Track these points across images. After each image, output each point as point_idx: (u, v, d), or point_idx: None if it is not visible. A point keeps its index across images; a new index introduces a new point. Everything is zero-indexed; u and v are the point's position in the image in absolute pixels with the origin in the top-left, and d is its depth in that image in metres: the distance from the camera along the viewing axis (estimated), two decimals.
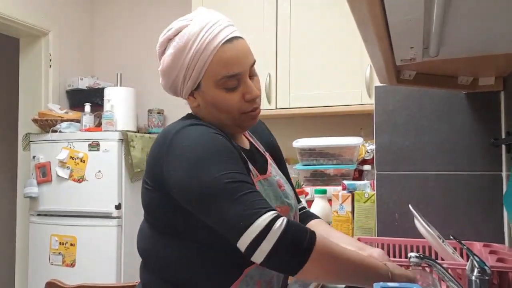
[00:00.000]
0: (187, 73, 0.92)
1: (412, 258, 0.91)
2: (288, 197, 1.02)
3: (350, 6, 0.71)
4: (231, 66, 0.90)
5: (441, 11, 0.70)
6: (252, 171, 0.94)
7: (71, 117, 2.67)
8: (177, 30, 0.94)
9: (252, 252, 0.76)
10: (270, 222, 0.75)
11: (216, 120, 0.96)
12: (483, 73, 1.29)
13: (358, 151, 2.04)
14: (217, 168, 0.82)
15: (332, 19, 2.20)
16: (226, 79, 0.91)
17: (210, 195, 0.81)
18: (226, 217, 0.79)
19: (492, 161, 1.40)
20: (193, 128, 0.89)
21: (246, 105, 0.93)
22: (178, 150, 0.86)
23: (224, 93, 0.92)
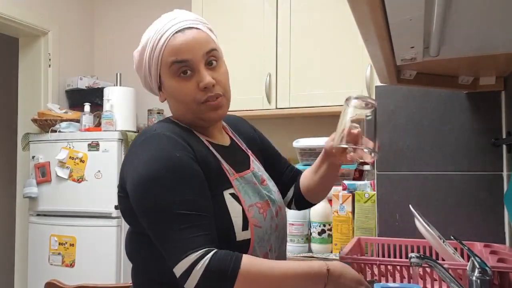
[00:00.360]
0: (150, 69, 0.96)
1: (412, 258, 0.90)
2: (270, 192, 1.04)
3: (351, 5, 0.71)
4: (180, 52, 0.92)
5: (441, 11, 0.70)
6: (227, 170, 0.95)
7: (70, 117, 2.66)
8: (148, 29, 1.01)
9: (183, 283, 0.81)
10: (192, 264, 0.80)
11: (181, 115, 0.98)
12: (484, 73, 1.29)
13: None
14: (167, 192, 0.84)
15: (332, 19, 2.20)
16: (176, 65, 0.92)
17: (154, 218, 0.85)
18: (163, 245, 0.84)
19: (492, 161, 1.40)
20: (156, 139, 0.90)
21: (201, 93, 0.93)
22: (134, 161, 0.89)
23: (179, 82, 0.94)
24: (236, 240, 0.89)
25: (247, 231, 0.91)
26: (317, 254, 1.93)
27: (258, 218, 0.95)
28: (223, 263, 0.81)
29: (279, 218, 1.04)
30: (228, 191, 0.93)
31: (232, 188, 0.94)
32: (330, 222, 1.95)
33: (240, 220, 0.91)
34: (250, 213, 0.93)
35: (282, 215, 1.07)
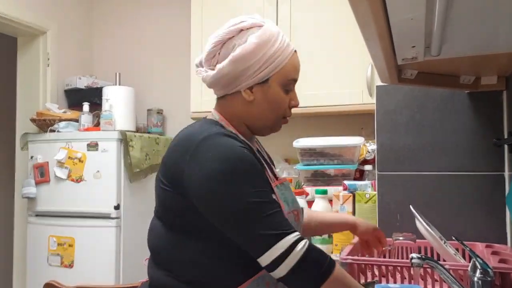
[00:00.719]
0: (264, 65, 0.96)
1: (414, 259, 0.90)
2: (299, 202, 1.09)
3: (352, 5, 0.70)
4: (297, 72, 1.03)
5: (443, 10, 0.70)
6: (270, 176, 0.99)
7: (69, 117, 2.65)
8: (253, 24, 0.98)
9: (272, 269, 0.83)
10: (293, 244, 0.83)
11: (258, 121, 1.01)
12: (485, 72, 1.28)
13: (359, 151, 2.03)
14: (245, 185, 0.86)
15: (332, 19, 2.19)
16: (291, 82, 1.01)
17: (234, 212, 0.86)
18: (250, 235, 0.85)
19: (494, 161, 1.40)
20: (220, 138, 0.91)
21: (288, 110, 1.03)
22: (204, 158, 0.88)
23: (284, 94, 1.00)
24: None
25: None
26: None
27: (295, 225, 0.96)
28: (321, 254, 0.85)
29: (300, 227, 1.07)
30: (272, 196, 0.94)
31: (274, 194, 0.94)
32: None
33: None
34: (289, 220, 0.94)
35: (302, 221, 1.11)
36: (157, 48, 3.01)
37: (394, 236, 1.33)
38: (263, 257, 0.83)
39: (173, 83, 2.97)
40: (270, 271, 0.83)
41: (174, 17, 2.94)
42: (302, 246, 0.83)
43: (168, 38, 2.96)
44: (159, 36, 2.99)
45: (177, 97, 2.89)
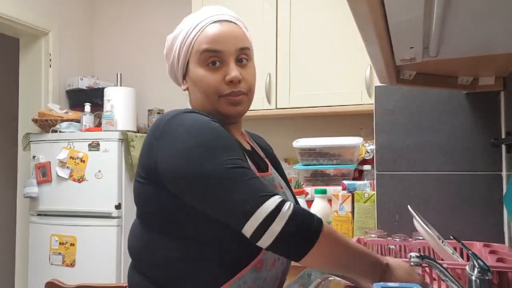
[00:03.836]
0: (179, 54, 0.95)
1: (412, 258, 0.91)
2: (288, 199, 0.99)
3: (350, 6, 0.71)
4: (214, 41, 0.91)
5: (441, 11, 0.70)
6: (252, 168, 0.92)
7: (71, 117, 2.66)
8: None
9: (260, 236, 0.75)
10: (279, 204, 0.75)
11: (201, 107, 0.94)
12: (483, 73, 1.29)
13: (358, 151, 2.04)
14: (217, 153, 0.80)
15: (332, 19, 2.20)
16: (207, 54, 0.91)
17: (210, 180, 0.78)
18: (230, 201, 0.77)
19: (492, 161, 1.40)
20: (188, 114, 0.87)
21: (225, 86, 0.92)
22: (172, 134, 0.83)
23: (206, 71, 0.92)
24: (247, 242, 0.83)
25: None
26: None
27: None
28: (307, 217, 0.77)
29: None
30: None
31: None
32: (329, 222, 1.95)
33: None
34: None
35: None
36: (158, 48, 3.00)
37: (366, 234, 1.33)
38: (247, 225, 0.75)
39: (173, 84, 2.96)
40: (256, 240, 0.76)
41: (174, 18, 2.93)
42: (288, 206, 0.75)
43: None
44: (160, 36, 2.99)
45: (177, 98, 2.89)
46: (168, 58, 0.99)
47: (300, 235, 0.76)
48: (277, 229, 0.74)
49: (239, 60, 0.94)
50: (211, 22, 0.92)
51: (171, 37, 0.98)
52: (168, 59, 1.00)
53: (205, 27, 0.92)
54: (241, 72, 0.93)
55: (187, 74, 0.97)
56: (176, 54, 0.95)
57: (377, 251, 1.33)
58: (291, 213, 0.75)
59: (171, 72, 1.01)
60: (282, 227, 0.74)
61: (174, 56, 0.96)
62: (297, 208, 0.77)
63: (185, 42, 0.93)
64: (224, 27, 0.93)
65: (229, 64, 0.92)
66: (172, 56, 0.97)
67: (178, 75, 0.99)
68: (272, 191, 0.79)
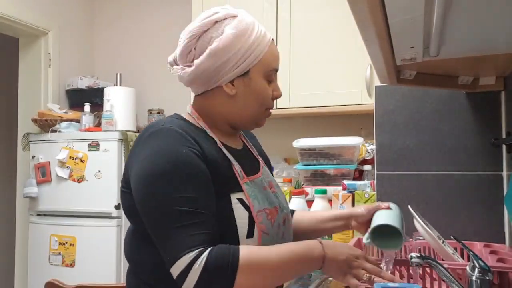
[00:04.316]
0: (243, 56, 0.93)
1: (413, 258, 0.90)
2: (279, 198, 1.03)
3: (351, 6, 0.71)
4: (278, 61, 1.01)
5: (441, 11, 0.70)
6: (238, 172, 0.94)
7: (70, 117, 2.66)
8: (227, 14, 0.94)
9: (180, 284, 0.80)
10: (190, 262, 0.78)
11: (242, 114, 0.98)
12: (484, 73, 1.29)
13: (359, 151, 2.03)
14: (167, 189, 0.83)
15: (332, 19, 2.20)
16: (273, 72, 0.99)
17: (155, 215, 0.83)
18: (162, 242, 0.83)
19: (492, 161, 1.40)
20: (165, 135, 0.88)
21: (271, 101, 1.01)
22: (142, 156, 0.87)
23: (265, 84, 0.98)
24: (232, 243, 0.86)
25: (252, 238, 0.89)
26: None
27: (266, 224, 0.92)
28: (221, 260, 0.79)
29: (286, 226, 1.01)
30: (236, 195, 0.91)
31: (241, 192, 0.92)
32: None
33: (246, 227, 0.89)
34: (259, 219, 0.91)
35: (289, 223, 1.05)
36: (158, 48, 3.01)
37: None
38: (171, 270, 0.80)
39: (173, 84, 2.96)
40: (179, 285, 0.80)
41: (174, 18, 2.94)
42: (199, 263, 0.78)
43: (169, 39, 2.97)
44: (160, 36, 3.00)
45: (177, 98, 2.90)
46: (224, 53, 0.91)
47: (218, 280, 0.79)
48: (191, 283, 0.79)
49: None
50: (271, 39, 0.99)
51: (230, 36, 0.90)
52: (222, 54, 0.91)
53: (270, 44, 0.97)
54: None
55: (242, 79, 0.95)
56: (238, 57, 0.92)
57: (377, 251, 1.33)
58: (202, 269, 0.78)
59: (215, 69, 0.92)
60: (195, 282, 0.78)
61: (235, 55, 0.91)
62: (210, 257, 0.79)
63: (253, 51, 0.93)
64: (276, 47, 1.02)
65: (275, 81, 1.02)
66: (233, 54, 0.91)
67: (227, 77, 0.93)
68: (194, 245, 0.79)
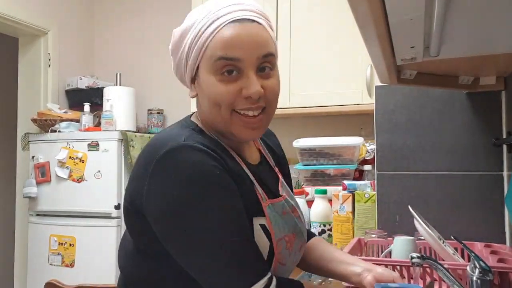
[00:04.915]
0: (188, 55, 0.80)
1: (414, 258, 0.90)
2: (297, 223, 0.91)
3: (351, 5, 0.71)
4: (231, 47, 0.75)
5: (442, 11, 0.70)
6: (261, 194, 0.83)
7: (70, 117, 2.66)
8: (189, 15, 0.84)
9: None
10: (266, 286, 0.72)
11: (210, 120, 0.82)
12: (484, 73, 1.28)
13: (359, 151, 2.03)
14: (210, 214, 0.71)
15: (332, 19, 2.20)
16: (222, 61, 0.75)
17: (191, 245, 0.72)
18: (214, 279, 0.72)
19: (493, 161, 1.40)
20: (185, 151, 0.74)
21: (242, 101, 0.77)
22: (163, 178, 0.73)
23: (219, 80, 0.77)
24: None
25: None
26: None
27: (284, 254, 0.84)
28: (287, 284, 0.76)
29: (301, 253, 0.93)
30: (258, 221, 0.80)
31: (264, 217, 0.81)
32: (330, 222, 1.95)
33: (266, 255, 0.80)
34: (278, 249, 0.81)
35: (304, 249, 0.95)
36: (157, 48, 3.01)
37: (367, 234, 1.32)
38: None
39: (173, 83, 2.96)
40: None
41: (174, 17, 2.94)
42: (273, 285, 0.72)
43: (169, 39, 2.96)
44: (160, 36, 3.00)
45: (177, 97, 2.90)
46: (175, 55, 0.84)
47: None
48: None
49: (261, 69, 0.79)
50: (228, 21, 0.76)
51: (179, 32, 0.81)
52: (174, 56, 0.84)
53: (221, 28, 0.76)
54: (263, 84, 0.78)
55: (196, 79, 0.82)
56: (185, 54, 0.80)
57: (377, 251, 1.33)
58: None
59: (177, 70, 0.85)
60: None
61: (181, 56, 0.81)
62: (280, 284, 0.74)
63: (197, 43, 0.78)
64: (245, 29, 0.76)
65: (249, 75, 0.77)
66: (180, 55, 0.82)
67: (186, 77, 0.84)
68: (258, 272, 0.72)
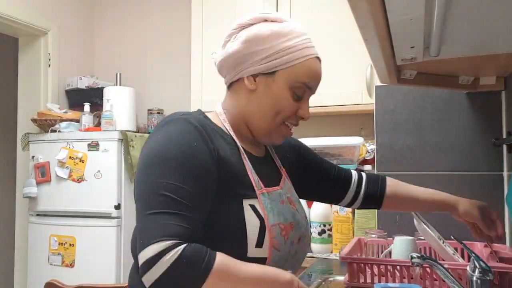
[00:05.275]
0: (273, 54, 0.90)
1: (414, 258, 0.90)
2: (297, 215, 0.97)
3: (351, 6, 0.71)
4: (313, 79, 0.94)
5: (442, 11, 0.70)
6: (255, 181, 0.91)
7: (70, 117, 2.66)
8: (276, 18, 0.94)
9: (142, 274, 0.76)
10: (161, 252, 0.74)
11: (255, 117, 0.94)
12: (484, 73, 1.28)
13: (359, 151, 2.03)
14: (163, 174, 0.80)
15: (332, 19, 2.20)
16: (302, 86, 0.93)
17: (142, 194, 0.83)
18: (138, 224, 0.81)
19: (493, 161, 1.40)
20: (180, 123, 0.87)
21: (293, 118, 0.95)
22: (153, 138, 0.88)
23: (290, 96, 0.92)
24: (247, 256, 0.84)
25: (260, 249, 0.85)
26: (317, 254, 1.92)
27: (279, 240, 0.88)
28: (196, 257, 0.75)
29: (301, 245, 0.96)
30: (248, 201, 0.87)
31: (256, 200, 0.88)
32: (330, 222, 1.95)
33: (256, 235, 0.85)
34: (272, 233, 0.87)
35: (305, 243, 0.99)
36: (157, 48, 3.01)
37: (367, 234, 1.34)
38: (139, 256, 0.76)
39: (173, 83, 2.97)
40: (141, 275, 0.76)
41: (174, 17, 2.95)
42: (170, 255, 0.74)
43: (169, 38, 2.97)
44: (160, 36, 3.00)
45: (177, 97, 2.90)
46: (258, 42, 0.90)
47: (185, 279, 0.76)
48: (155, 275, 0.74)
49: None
50: (315, 55, 0.94)
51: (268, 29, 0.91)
52: (255, 42, 0.90)
53: (310, 58, 0.92)
54: None
55: (266, 77, 0.92)
56: (270, 52, 0.90)
57: (377, 251, 1.33)
58: (172, 263, 0.74)
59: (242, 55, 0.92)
60: (160, 274, 0.74)
61: (263, 51, 0.90)
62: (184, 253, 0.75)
63: (288, 54, 0.90)
64: (320, 68, 0.96)
65: (307, 101, 0.96)
66: (261, 48, 0.90)
67: (252, 68, 0.92)
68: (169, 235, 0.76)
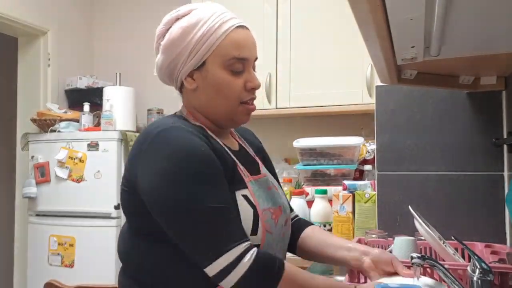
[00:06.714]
0: (194, 48, 0.90)
1: (414, 258, 0.90)
2: (282, 198, 1.02)
3: (351, 5, 0.70)
4: (243, 48, 0.92)
5: (442, 10, 0.70)
6: (243, 171, 0.93)
7: (70, 117, 2.66)
8: (186, 11, 0.94)
9: (219, 280, 0.79)
10: (239, 256, 0.78)
11: (211, 109, 0.94)
12: (485, 73, 1.28)
13: (359, 151, 2.03)
14: (194, 186, 0.80)
15: (332, 19, 2.19)
16: (234, 61, 0.91)
17: (179, 215, 0.81)
18: (196, 241, 0.81)
19: (493, 161, 1.40)
20: (175, 132, 0.85)
21: (246, 93, 0.93)
22: (155, 154, 0.84)
23: (229, 75, 0.91)
24: None
25: (255, 236, 0.88)
26: None
27: (271, 223, 0.92)
28: (269, 261, 0.81)
29: (287, 227, 1.01)
30: (240, 192, 0.89)
31: (246, 189, 0.91)
32: (330, 222, 1.95)
33: (250, 223, 0.88)
34: (264, 217, 0.90)
35: (289, 225, 1.04)
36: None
37: (367, 234, 1.34)
38: (209, 268, 0.79)
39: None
40: (217, 281, 0.79)
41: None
42: (249, 257, 0.78)
43: None
44: None
45: (177, 97, 2.87)
46: (169, 51, 0.92)
47: (260, 282, 0.80)
48: (235, 278, 0.78)
49: (253, 67, 0.96)
50: (236, 25, 0.92)
51: (181, 28, 0.91)
52: (168, 52, 0.92)
53: (231, 31, 0.91)
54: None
55: (199, 71, 0.92)
56: (189, 49, 0.90)
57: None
58: (251, 263, 0.79)
59: (170, 63, 0.93)
60: (241, 276, 0.78)
61: (183, 51, 0.90)
62: (259, 256, 0.80)
63: (206, 39, 0.89)
64: (248, 34, 0.94)
65: (250, 71, 0.94)
66: (180, 50, 0.91)
67: (184, 69, 0.92)
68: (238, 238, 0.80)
